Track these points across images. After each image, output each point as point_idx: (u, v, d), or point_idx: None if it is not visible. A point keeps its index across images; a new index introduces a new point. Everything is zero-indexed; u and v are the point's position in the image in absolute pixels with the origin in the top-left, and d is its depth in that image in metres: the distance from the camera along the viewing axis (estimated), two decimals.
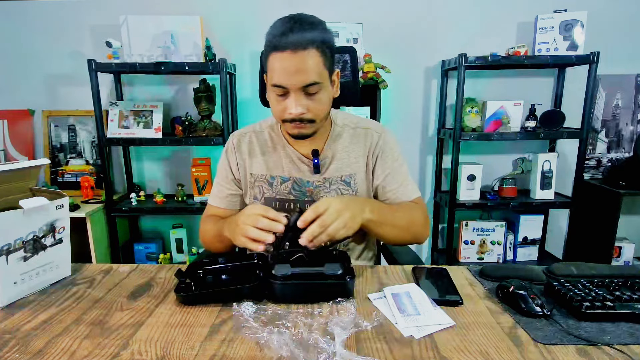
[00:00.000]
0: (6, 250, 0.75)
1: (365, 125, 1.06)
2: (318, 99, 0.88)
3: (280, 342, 0.60)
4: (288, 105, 0.87)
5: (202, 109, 2.00)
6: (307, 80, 0.84)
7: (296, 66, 0.83)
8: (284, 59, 0.83)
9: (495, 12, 2.07)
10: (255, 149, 1.05)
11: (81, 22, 2.09)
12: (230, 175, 1.07)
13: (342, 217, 0.80)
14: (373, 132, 1.04)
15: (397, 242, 1.01)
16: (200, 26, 1.93)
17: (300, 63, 0.83)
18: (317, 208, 0.79)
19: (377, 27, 2.07)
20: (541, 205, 2.05)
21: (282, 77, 0.85)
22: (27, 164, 0.87)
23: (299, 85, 0.85)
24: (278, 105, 0.90)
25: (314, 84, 0.85)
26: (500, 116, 1.98)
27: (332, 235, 0.79)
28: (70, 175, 2.21)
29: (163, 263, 2.15)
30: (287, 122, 0.90)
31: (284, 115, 0.89)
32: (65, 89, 2.16)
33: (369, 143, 1.03)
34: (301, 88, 0.85)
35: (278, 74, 0.85)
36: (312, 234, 0.78)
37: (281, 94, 0.88)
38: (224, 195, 1.09)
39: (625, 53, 2.08)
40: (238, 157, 1.06)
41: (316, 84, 0.86)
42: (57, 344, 0.64)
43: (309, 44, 0.83)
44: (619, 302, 0.70)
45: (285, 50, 0.83)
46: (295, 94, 0.86)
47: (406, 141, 2.22)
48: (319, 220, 0.78)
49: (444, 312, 0.72)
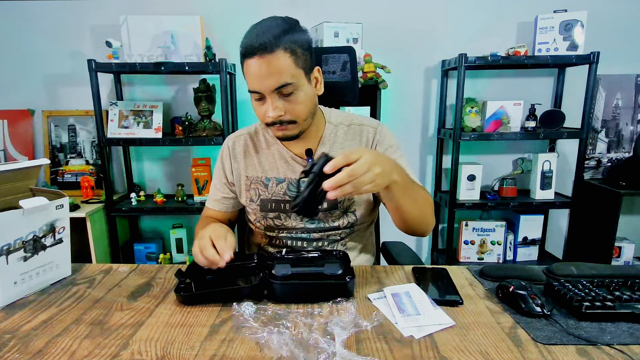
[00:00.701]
0: (6, 250, 0.75)
1: (359, 121, 1.05)
2: (295, 100, 0.88)
3: (280, 342, 0.60)
4: (265, 110, 0.88)
5: (202, 109, 2.00)
6: (278, 82, 0.85)
7: (265, 70, 0.83)
8: (253, 64, 0.84)
9: (495, 12, 2.07)
10: (250, 151, 1.06)
11: (81, 22, 2.09)
12: (224, 179, 1.08)
13: (372, 170, 0.72)
14: (368, 127, 1.04)
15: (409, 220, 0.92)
16: (200, 26, 1.93)
17: (269, 66, 0.83)
18: (349, 155, 0.72)
19: (377, 27, 2.07)
20: (541, 205, 2.05)
21: (254, 83, 0.86)
22: (27, 164, 0.87)
23: (270, 88, 0.85)
24: (259, 110, 0.91)
25: (285, 85, 0.85)
26: (500, 116, 1.98)
27: (358, 188, 0.72)
28: (70, 175, 2.21)
29: (163, 263, 2.15)
30: (269, 125, 0.92)
31: (265, 119, 0.91)
32: (65, 89, 2.16)
33: (364, 139, 1.03)
34: (274, 91, 0.86)
35: (251, 79, 0.87)
36: (339, 182, 0.70)
37: (259, 99, 0.89)
38: (217, 198, 1.10)
39: (625, 53, 2.08)
40: (233, 161, 1.07)
41: (288, 84, 0.85)
42: (57, 344, 0.64)
43: (275, 46, 0.83)
44: (619, 302, 0.70)
45: (253, 56, 0.83)
46: (270, 97, 0.87)
47: (406, 141, 2.22)
48: (349, 169, 0.70)
49: (444, 312, 0.72)
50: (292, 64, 0.85)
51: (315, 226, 1.02)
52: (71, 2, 2.07)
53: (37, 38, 2.11)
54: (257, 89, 0.86)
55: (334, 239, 1.03)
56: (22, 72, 2.14)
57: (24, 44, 2.12)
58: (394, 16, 2.08)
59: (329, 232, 1.02)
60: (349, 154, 0.72)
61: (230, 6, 2.07)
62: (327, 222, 1.02)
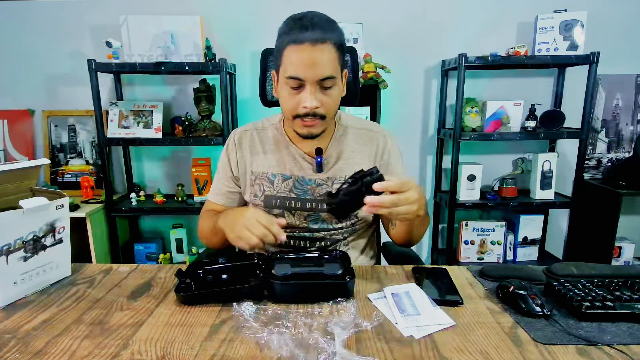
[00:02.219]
0: (6, 250, 0.75)
1: (369, 127, 1.07)
2: (331, 95, 0.89)
3: (280, 342, 0.60)
4: (303, 99, 0.87)
5: (202, 109, 2.00)
6: (324, 74, 0.85)
7: (315, 59, 0.84)
8: (302, 50, 0.83)
9: (495, 12, 2.07)
10: (257, 146, 1.05)
11: (81, 22, 2.09)
12: (230, 172, 1.07)
13: (412, 205, 0.75)
14: (378, 135, 1.06)
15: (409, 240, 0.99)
16: (200, 26, 1.93)
17: (319, 56, 0.84)
18: (404, 185, 0.75)
19: (377, 27, 2.07)
20: (541, 205, 2.05)
21: (299, 69, 0.85)
22: (27, 164, 0.87)
23: (316, 77, 0.85)
24: (291, 100, 0.89)
25: (330, 77, 0.86)
26: (500, 116, 1.98)
27: (391, 214, 0.75)
28: (70, 175, 2.21)
29: (163, 263, 2.15)
30: (299, 118, 0.90)
31: (297, 110, 0.89)
32: (65, 89, 2.16)
33: (375, 146, 1.04)
34: (317, 81, 0.86)
35: (295, 66, 0.85)
36: (383, 204, 0.73)
37: (296, 87, 0.88)
38: (222, 192, 1.09)
39: (625, 53, 2.08)
40: (238, 154, 1.06)
41: (332, 78, 0.86)
42: (57, 344, 0.64)
43: (328, 38, 0.84)
44: (619, 302, 0.70)
45: (303, 42, 0.83)
46: (311, 87, 0.86)
47: (406, 141, 2.22)
48: (395, 197, 0.74)
49: (444, 312, 0.72)
50: (337, 59, 0.87)
51: (318, 226, 1.02)
52: (71, 2, 2.07)
53: (37, 38, 2.11)
54: (301, 75, 0.85)
55: (336, 239, 1.03)
56: (22, 72, 2.14)
57: (24, 44, 2.12)
58: (394, 16, 2.08)
59: (331, 232, 1.03)
60: (402, 184, 0.75)
61: (230, 6, 2.07)
62: (331, 223, 1.02)
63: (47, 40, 2.10)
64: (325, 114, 0.90)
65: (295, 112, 0.89)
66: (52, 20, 2.08)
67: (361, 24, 2.00)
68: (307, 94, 0.86)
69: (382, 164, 1.04)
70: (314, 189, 1.01)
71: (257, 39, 2.07)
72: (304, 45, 0.83)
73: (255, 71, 2.11)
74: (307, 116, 0.89)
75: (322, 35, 0.83)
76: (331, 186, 1.01)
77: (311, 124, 0.90)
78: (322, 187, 1.01)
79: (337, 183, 1.01)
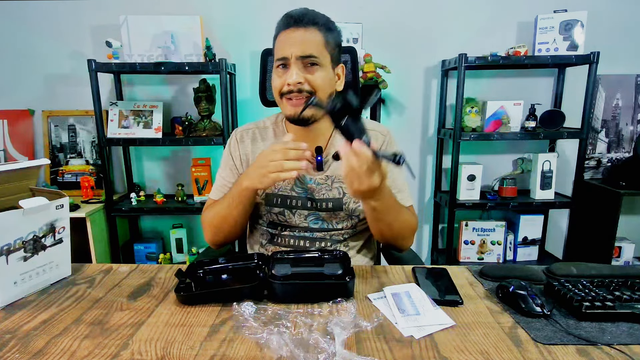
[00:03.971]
0: (6, 250, 0.75)
1: (370, 126, 1.05)
2: (317, 74, 0.91)
3: (280, 342, 0.60)
4: (287, 77, 0.90)
5: (202, 109, 2.00)
6: (306, 51, 0.89)
7: (296, 37, 0.89)
8: (287, 34, 0.90)
9: (495, 12, 2.07)
10: (259, 144, 1.06)
11: (81, 22, 2.08)
12: (235, 169, 1.07)
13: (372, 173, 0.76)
14: (378, 134, 1.06)
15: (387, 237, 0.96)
16: (200, 26, 1.93)
17: (301, 35, 0.89)
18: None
19: (377, 27, 2.07)
20: (541, 205, 2.05)
21: (283, 48, 0.90)
22: (27, 164, 0.87)
23: (297, 53, 0.89)
24: (278, 81, 0.93)
25: (312, 56, 0.90)
26: (500, 116, 1.98)
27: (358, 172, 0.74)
28: (70, 175, 2.21)
29: (163, 263, 2.15)
30: (285, 96, 0.92)
31: (282, 88, 0.92)
32: (65, 89, 2.16)
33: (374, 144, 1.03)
34: (300, 58, 0.89)
35: (281, 48, 0.91)
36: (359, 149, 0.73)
37: (282, 66, 0.92)
38: (227, 189, 1.08)
39: (625, 53, 2.08)
40: (241, 151, 1.06)
41: (314, 57, 0.90)
42: (57, 344, 0.64)
43: (311, 23, 0.90)
44: (619, 302, 0.70)
45: (289, 27, 0.90)
46: (294, 64, 0.90)
47: (406, 141, 2.22)
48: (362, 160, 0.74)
49: (444, 312, 0.72)
50: (321, 43, 0.91)
51: (318, 226, 1.02)
52: (71, 2, 2.07)
53: (37, 38, 2.11)
54: (284, 54, 0.90)
55: (337, 239, 1.03)
56: (22, 72, 2.14)
57: (24, 44, 2.12)
58: (394, 16, 2.08)
59: (331, 232, 1.03)
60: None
61: (230, 6, 2.07)
62: (331, 224, 1.02)
63: (47, 40, 2.10)
64: (310, 91, 0.91)
65: (281, 90, 0.93)
66: (52, 20, 2.08)
67: (361, 24, 2.00)
68: (292, 70, 0.90)
69: None
70: (313, 189, 1.01)
71: (257, 39, 2.07)
72: (290, 29, 0.90)
73: (255, 71, 2.11)
74: (291, 93, 0.91)
75: (307, 20, 0.90)
76: (330, 185, 1.01)
77: (296, 102, 0.92)
78: (322, 186, 1.01)
79: (337, 182, 1.01)
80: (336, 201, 1.01)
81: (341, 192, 1.01)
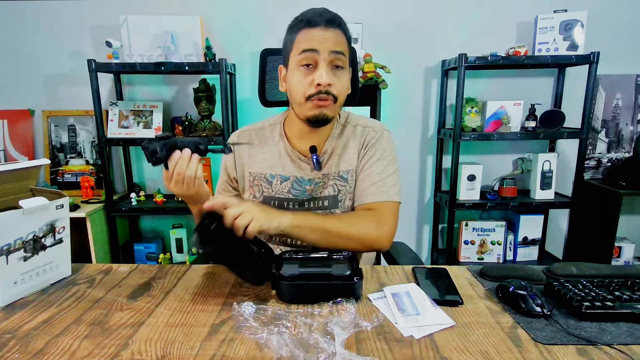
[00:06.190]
0: (6, 250, 0.75)
1: (366, 123, 1.06)
2: (342, 77, 0.91)
3: (280, 342, 0.60)
4: (317, 77, 0.88)
5: (202, 109, 2.00)
6: (337, 47, 0.88)
7: (327, 35, 0.87)
8: (316, 31, 0.87)
9: (495, 12, 2.07)
10: (256, 147, 1.06)
11: (81, 22, 2.09)
12: (225, 176, 1.09)
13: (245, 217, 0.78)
14: (371, 130, 1.04)
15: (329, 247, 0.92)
16: (200, 26, 1.93)
17: (331, 36, 0.88)
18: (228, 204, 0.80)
19: (377, 27, 2.07)
20: (541, 205, 2.05)
21: (313, 42, 0.87)
22: (27, 164, 0.87)
23: (329, 48, 0.87)
24: (303, 80, 0.90)
25: (341, 53, 0.89)
26: (500, 116, 1.98)
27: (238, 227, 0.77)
28: (70, 175, 2.21)
29: (163, 263, 2.15)
30: (311, 98, 0.89)
31: (310, 90, 0.89)
32: (65, 89, 2.16)
33: (362, 139, 1.03)
34: (330, 54, 0.87)
35: (309, 41, 0.87)
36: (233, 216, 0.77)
37: (308, 65, 0.89)
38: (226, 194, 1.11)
39: (625, 53, 2.08)
40: (236, 155, 1.06)
41: (343, 54, 0.89)
42: (57, 344, 0.64)
43: (339, 25, 0.90)
44: (619, 302, 0.70)
45: (317, 26, 0.87)
46: (323, 62, 0.88)
47: (406, 141, 2.22)
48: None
49: (444, 312, 0.72)
50: (347, 47, 0.91)
51: None
52: (71, 2, 2.07)
53: (37, 38, 2.11)
54: (316, 47, 0.87)
55: None
56: (22, 72, 2.14)
57: (24, 44, 2.12)
58: (394, 16, 2.08)
59: None
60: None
61: (230, 6, 2.07)
62: None
63: (47, 40, 2.10)
64: (337, 96, 0.91)
65: (309, 92, 0.89)
66: (52, 20, 2.08)
67: (361, 24, 2.00)
68: (322, 70, 0.87)
69: (361, 158, 1.01)
70: (311, 189, 1.01)
71: (257, 39, 2.08)
72: (318, 28, 0.87)
73: (255, 71, 2.11)
74: (320, 94, 0.88)
75: (337, 22, 0.89)
76: (326, 183, 1.01)
77: (325, 103, 0.90)
78: (319, 185, 1.01)
79: (332, 179, 1.01)
80: (332, 198, 1.01)
81: (336, 189, 1.01)
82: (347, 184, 1.01)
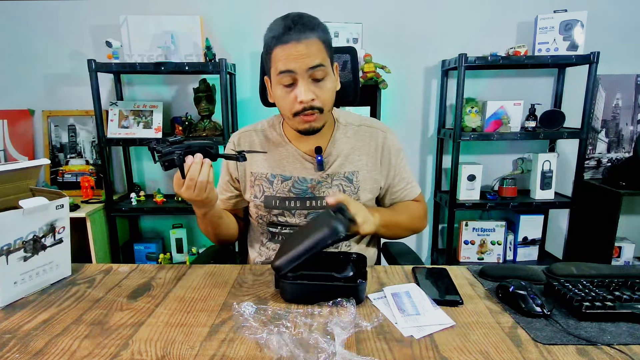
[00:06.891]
0: (6, 250, 0.75)
1: (369, 123, 1.07)
2: (324, 86, 0.90)
3: (280, 342, 0.60)
4: (297, 94, 0.88)
5: (202, 109, 2.00)
6: (313, 62, 0.87)
7: (301, 51, 0.86)
8: (289, 48, 0.86)
9: (495, 12, 2.07)
10: (256, 147, 1.06)
11: (81, 22, 2.08)
12: (227, 176, 1.09)
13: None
14: (378, 130, 1.06)
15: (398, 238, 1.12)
16: (200, 26, 1.93)
17: (305, 49, 0.86)
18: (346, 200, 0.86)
19: (377, 27, 2.07)
20: (541, 205, 2.05)
21: (289, 62, 0.86)
22: (27, 164, 0.87)
23: (305, 66, 0.86)
24: (286, 98, 0.90)
25: (320, 65, 0.87)
26: (500, 116, 1.98)
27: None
28: (70, 175, 2.21)
29: (163, 263, 2.15)
30: (298, 114, 0.91)
31: (294, 107, 0.90)
32: (65, 89, 2.16)
33: (374, 142, 1.05)
34: (308, 71, 0.87)
35: (284, 61, 0.87)
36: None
37: (288, 84, 0.89)
38: (224, 197, 1.11)
39: (625, 53, 2.08)
40: None
41: (321, 66, 0.88)
42: (57, 344, 0.64)
43: (311, 33, 0.87)
44: (619, 302, 0.70)
45: (289, 42, 0.86)
46: (302, 79, 0.88)
47: (406, 141, 2.22)
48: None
49: (444, 312, 0.72)
50: (324, 51, 0.89)
51: None
52: (71, 2, 2.07)
53: (37, 38, 2.11)
54: (292, 67, 0.86)
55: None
56: (22, 72, 2.14)
57: (24, 44, 2.12)
58: (394, 16, 2.08)
59: None
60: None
61: (230, 6, 2.07)
62: None
63: (47, 40, 2.10)
64: (321, 107, 0.91)
65: (294, 109, 0.90)
66: (52, 21, 2.08)
67: (361, 24, 2.00)
68: (301, 87, 0.88)
69: (384, 161, 1.05)
70: (313, 187, 1.01)
71: (257, 39, 2.06)
72: (290, 44, 0.86)
73: (255, 71, 2.11)
74: (305, 110, 0.90)
75: (307, 31, 0.86)
76: (330, 183, 1.01)
77: (311, 118, 0.91)
78: (322, 184, 1.01)
79: (337, 180, 1.01)
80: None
81: (341, 189, 1.01)
82: (352, 185, 1.02)
